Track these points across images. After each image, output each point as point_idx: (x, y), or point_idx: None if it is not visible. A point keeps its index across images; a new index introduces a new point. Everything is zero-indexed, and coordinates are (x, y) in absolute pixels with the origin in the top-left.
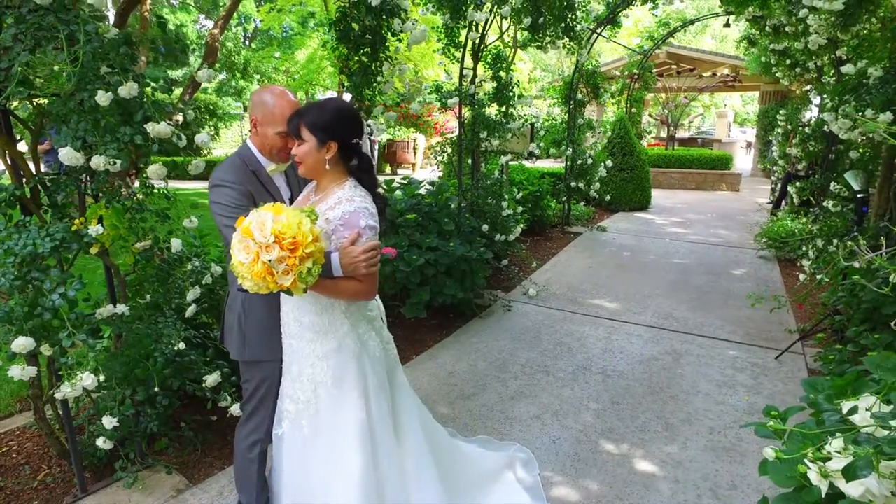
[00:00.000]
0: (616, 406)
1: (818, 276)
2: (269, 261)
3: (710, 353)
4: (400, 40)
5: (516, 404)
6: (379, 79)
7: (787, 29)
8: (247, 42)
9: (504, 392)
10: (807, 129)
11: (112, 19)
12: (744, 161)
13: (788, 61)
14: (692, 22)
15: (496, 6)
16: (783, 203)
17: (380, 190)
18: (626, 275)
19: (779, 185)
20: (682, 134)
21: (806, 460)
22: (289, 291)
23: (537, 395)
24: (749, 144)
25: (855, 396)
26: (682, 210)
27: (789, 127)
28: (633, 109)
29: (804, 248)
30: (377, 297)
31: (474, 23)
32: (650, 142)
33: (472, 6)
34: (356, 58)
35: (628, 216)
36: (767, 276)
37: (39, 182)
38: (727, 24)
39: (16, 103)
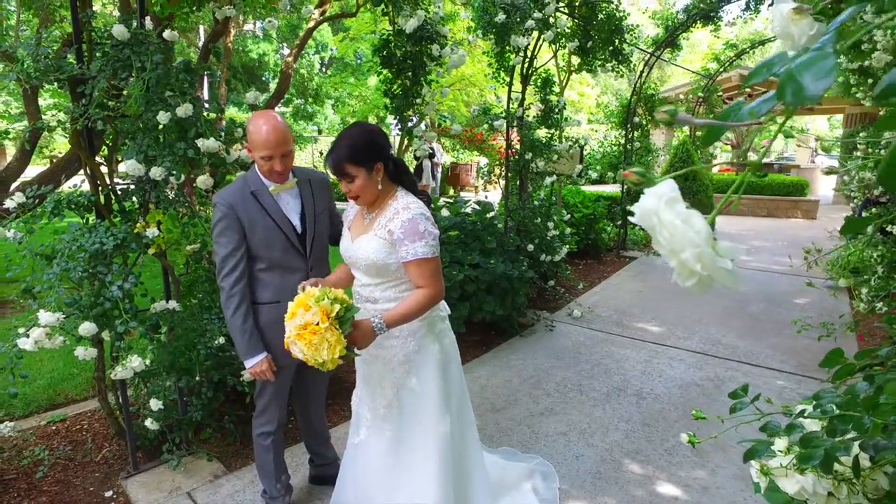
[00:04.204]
0: (647, 428)
1: (875, 305)
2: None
3: (755, 381)
4: (440, 65)
5: (544, 420)
6: (418, 101)
7: (863, 46)
8: (323, 69)
9: (534, 408)
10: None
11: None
12: (826, 187)
13: (871, 80)
14: (762, 43)
15: (541, 32)
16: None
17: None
18: (677, 300)
19: (860, 212)
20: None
21: (752, 462)
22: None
23: (567, 413)
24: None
25: (808, 401)
26: (747, 237)
27: (870, 150)
28: (699, 133)
29: (865, 276)
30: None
31: (521, 48)
32: (723, 167)
33: (518, 32)
34: (398, 81)
35: None
36: (834, 306)
37: (111, 190)
38: None
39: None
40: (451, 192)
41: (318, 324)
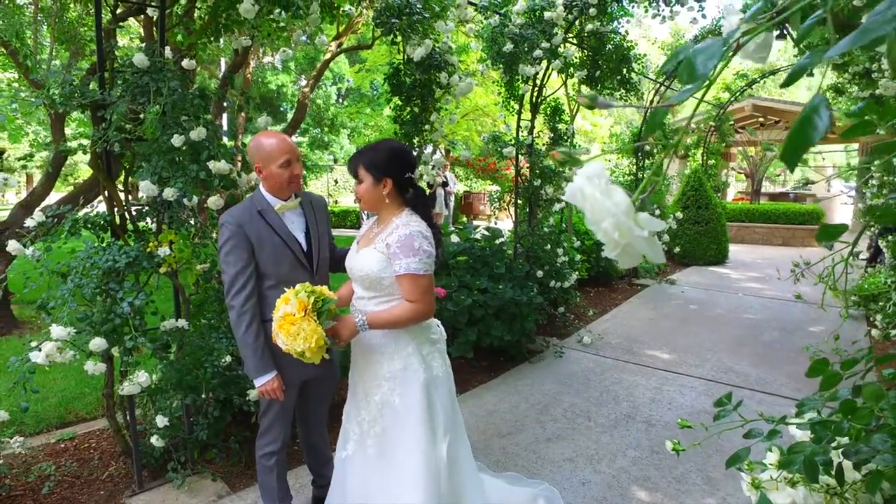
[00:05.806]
0: (655, 455)
1: (890, 332)
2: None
3: (769, 410)
4: (449, 93)
5: (551, 446)
6: (427, 128)
7: (874, 75)
8: (340, 100)
9: (541, 433)
10: None
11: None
12: (844, 216)
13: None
14: (773, 73)
15: (549, 61)
16: (880, 258)
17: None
18: (689, 328)
19: (876, 240)
20: (777, 188)
21: (742, 473)
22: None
23: (574, 439)
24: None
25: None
26: (761, 265)
27: (885, 178)
28: (711, 162)
29: (881, 304)
30: (440, 324)
31: (529, 77)
32: (736, 196)
33: (526, 62)
34: (408, 108)
35: (702, 270)
36: (852, 334)
37: (126, 211)
38: (811, 74)
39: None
40: (464, 220)
41: (295, 314)
